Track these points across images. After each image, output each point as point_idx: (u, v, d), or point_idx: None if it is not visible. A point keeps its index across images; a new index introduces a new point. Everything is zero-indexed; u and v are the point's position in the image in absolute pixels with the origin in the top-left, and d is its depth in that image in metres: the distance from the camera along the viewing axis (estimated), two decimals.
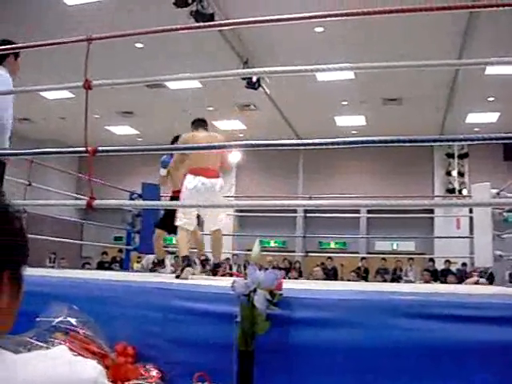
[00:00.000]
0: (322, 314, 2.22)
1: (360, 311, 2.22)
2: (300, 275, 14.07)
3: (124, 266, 11.00)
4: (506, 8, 3.53)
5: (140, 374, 2.28)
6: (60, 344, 2.14)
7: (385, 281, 13.30)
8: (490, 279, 8.32)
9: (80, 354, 2.08)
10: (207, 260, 5.94)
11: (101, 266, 14.22)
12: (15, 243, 1.01)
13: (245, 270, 13.00)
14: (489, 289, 5.90)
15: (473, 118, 16.02)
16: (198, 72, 5.96)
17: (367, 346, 2.13)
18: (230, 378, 2.13)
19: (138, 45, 11.33)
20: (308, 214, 13.77)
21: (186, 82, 13.26)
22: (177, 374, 2.30)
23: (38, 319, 2.22)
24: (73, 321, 2.27)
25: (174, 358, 2.34)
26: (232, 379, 2.12)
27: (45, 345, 2.11)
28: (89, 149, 3.67)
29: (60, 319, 2.26)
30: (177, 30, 4.27)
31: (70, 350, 2.05)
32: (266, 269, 2.22)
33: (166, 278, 4.89)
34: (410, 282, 13.37)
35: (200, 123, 5.75)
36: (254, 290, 2.09)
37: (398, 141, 3.49)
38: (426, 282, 12.11)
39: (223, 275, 5.55)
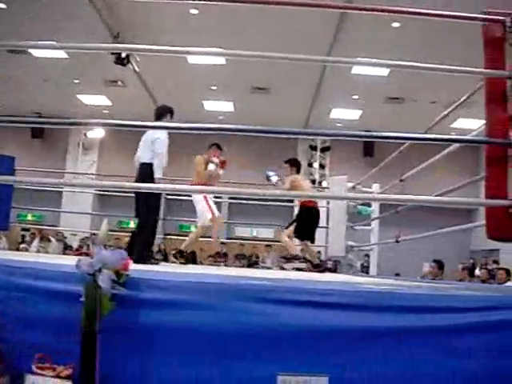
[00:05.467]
0: (170, 296, 2.20)
1: (208, 294, 2.22)
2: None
3: None
4: (373, 12, 3.67)
5: None
6: None
7: (242, 266, 13.56)
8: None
9: None
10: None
11: None
12: None
13: None
14: (336, 277, 6.22)
15: (337, 113, 16.64)
16: (65, 40, 5.69)
17: (216, 329, 2.14)
18: (72, 358, 2.06)
19: (1, 5, 10.61)
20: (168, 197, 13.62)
21: (52, 51, 12.56)
22: (17, 354, 2.17)
23: None
24: None
25: (14, 338, 2.21)
26: (75, 360, 2.05)
27: None
28: None
29: None
30: None
31: None
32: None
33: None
34: (268, 268, 13.69)
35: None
36: (99, 270, 2.03)
37: (262, 131, 3.53)
38: (282, 268, 12.40)
39: (80, 254, 5.41)
